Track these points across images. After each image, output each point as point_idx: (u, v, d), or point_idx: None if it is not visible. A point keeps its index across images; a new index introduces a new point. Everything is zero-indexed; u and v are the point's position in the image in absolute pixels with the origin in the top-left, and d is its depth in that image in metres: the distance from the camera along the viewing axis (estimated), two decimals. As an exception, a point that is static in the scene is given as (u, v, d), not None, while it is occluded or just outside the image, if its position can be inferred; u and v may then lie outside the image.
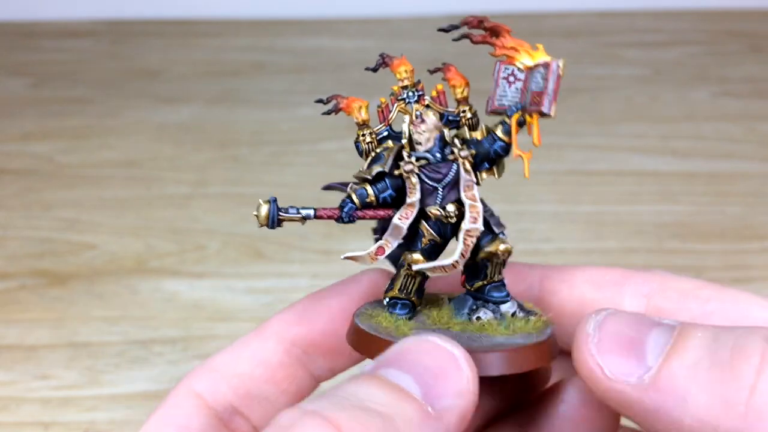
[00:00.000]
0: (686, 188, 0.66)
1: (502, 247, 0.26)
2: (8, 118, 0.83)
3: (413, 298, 0.27)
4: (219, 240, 0.61)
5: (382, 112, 0.28)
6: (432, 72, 0.28)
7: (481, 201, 0.26)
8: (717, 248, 0.58)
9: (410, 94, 0.27)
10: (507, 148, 0.27)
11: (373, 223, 0.29)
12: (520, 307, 0.27)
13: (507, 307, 0.27)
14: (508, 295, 0.27)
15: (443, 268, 0.26)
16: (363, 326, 0.26)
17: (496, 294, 0.27)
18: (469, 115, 0.27)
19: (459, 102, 0.28)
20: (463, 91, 0.27)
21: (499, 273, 0.27)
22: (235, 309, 0.53)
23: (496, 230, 0.27)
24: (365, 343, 0.25)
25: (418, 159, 0.27)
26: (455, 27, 0.27)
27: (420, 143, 0.27)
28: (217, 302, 0.54)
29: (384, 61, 0.27)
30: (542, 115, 0.26)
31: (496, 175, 0.27)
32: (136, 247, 0.60)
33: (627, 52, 0.98)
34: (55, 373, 0.48)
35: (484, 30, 0.26)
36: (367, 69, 0.27)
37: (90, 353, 0.50)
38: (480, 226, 0.26)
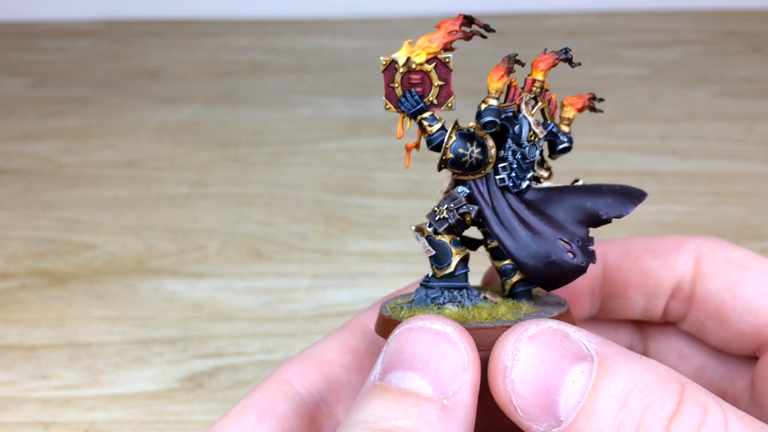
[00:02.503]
0: (686, 188, 0.67)
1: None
2: (8, 118, 0.83)
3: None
4: (219, 240, 0.61)
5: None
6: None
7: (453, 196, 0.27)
8: (717, 248, 0.58)
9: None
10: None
11: None
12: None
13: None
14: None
15: None
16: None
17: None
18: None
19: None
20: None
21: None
22: (235, 309, 0.53)
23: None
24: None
25: None
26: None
27: None
28: (217, 302, 0.54)
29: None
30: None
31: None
32: (136, 247, 0.60)
33: (627, 52, 0.98)
34: (55, 373, 0.48)
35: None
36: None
37: (90, 353, 0.50)
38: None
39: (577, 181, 0.30)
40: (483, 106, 0.26)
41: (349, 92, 0.85)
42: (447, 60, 0.26)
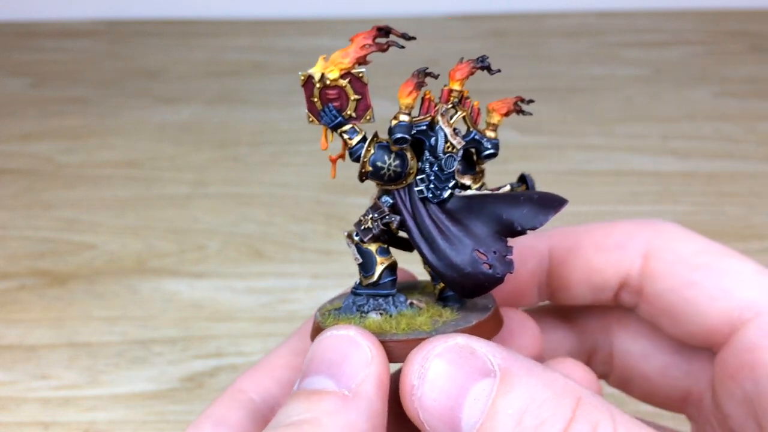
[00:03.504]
0: (686, 188, 0.67)
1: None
2: (8, 118, 0.83)
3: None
4: (219, 240, 0.61)
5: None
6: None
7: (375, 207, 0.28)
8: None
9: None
10: None
11: None
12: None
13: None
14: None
15: None
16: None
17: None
18: None
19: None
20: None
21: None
22: (235, 309, 0.53)
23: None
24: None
25: None
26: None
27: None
28: (217, 302, 0.54)
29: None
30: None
31: None
32: (136, 247, 0.60)
33: (627, 52, 0.98)
34: (55, 373, 0.48)
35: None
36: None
37: (90, 353, 0.50)
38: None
39: (522, 179, 0.30)
40: (393, 123, 0.26)
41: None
42: (360, 75, 0.26)
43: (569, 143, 0.75)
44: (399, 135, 0.26)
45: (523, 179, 0.30)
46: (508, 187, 0.29)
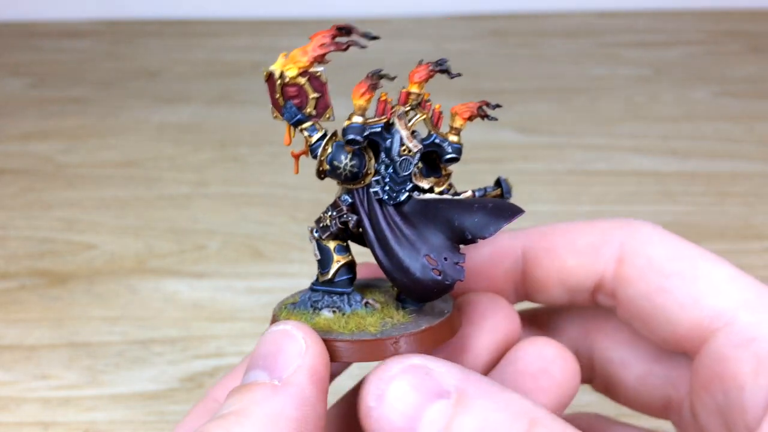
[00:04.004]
0: (686, 188, 0.67)
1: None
2: (8, 118, 0.83)
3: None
4: (219, 240, 0.61)
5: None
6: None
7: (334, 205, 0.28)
8: (717, 248, 0.57)
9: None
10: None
11: None
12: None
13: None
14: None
15: None
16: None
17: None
18: None
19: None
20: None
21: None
22: (235, 309, 0.53)
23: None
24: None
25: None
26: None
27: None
28: (217, 302, 0.54)
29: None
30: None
31: None
32: (136, 247, 0.60)
33: (627, 52, 0.98)
34: (55, 373, 0.48)
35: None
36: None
37: (90, 353, 0.50)
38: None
39: (498, 183, 0.29)
40: (346, 124, 0.26)
41: (349, 92, 0.85)
42: (318, 74, 0.26)
43: (569, 143, 0.75)
44: (351, 136, 0.26)
45: (498, 183, 0.29)
46: (469, 193, 0.28)
